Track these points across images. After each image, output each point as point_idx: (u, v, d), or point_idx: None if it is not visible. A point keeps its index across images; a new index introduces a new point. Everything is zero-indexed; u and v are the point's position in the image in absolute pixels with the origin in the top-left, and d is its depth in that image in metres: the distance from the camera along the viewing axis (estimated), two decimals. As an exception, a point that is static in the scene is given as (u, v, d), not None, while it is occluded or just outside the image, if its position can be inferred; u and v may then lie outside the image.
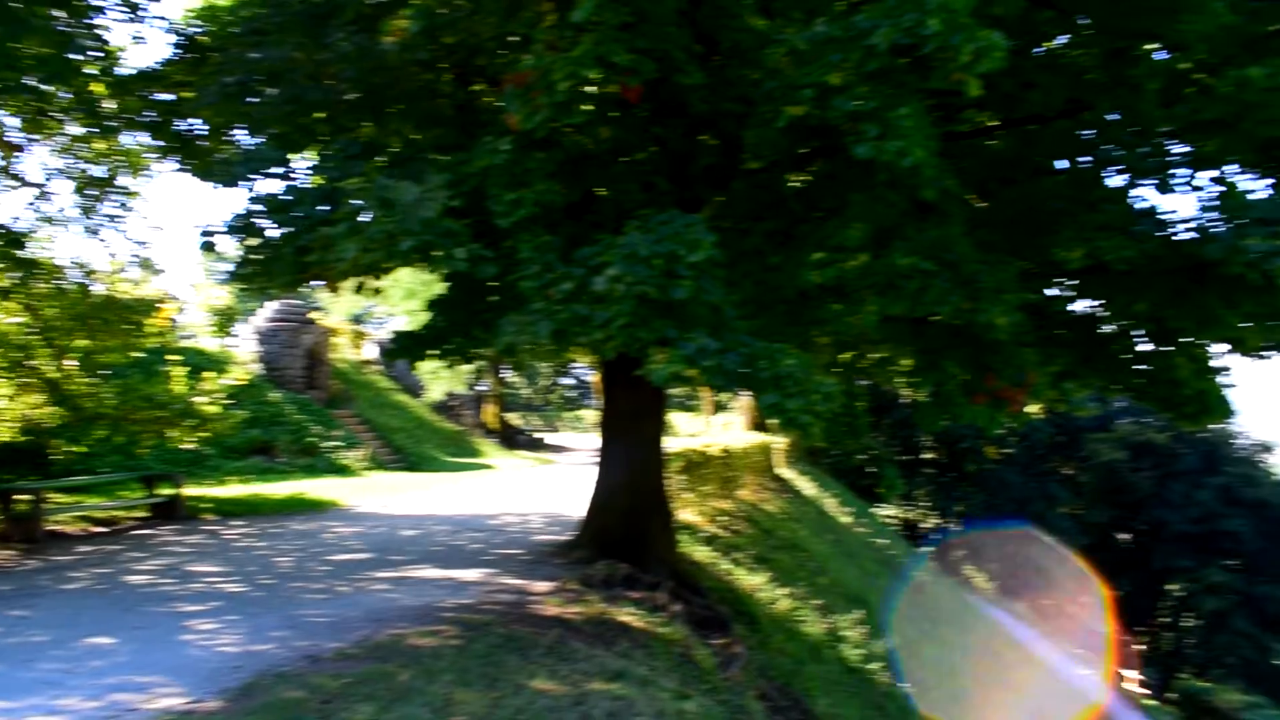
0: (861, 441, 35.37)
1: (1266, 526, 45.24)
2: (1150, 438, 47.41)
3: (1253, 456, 49.00)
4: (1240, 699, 35.90)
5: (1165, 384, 10.43)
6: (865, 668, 15.50)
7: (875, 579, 23.85)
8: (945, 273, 7.91)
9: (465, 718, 6.20)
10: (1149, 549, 47.72)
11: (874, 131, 7.11)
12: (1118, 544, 49.90)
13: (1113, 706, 31.27)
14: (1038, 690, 26.51)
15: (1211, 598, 44.93)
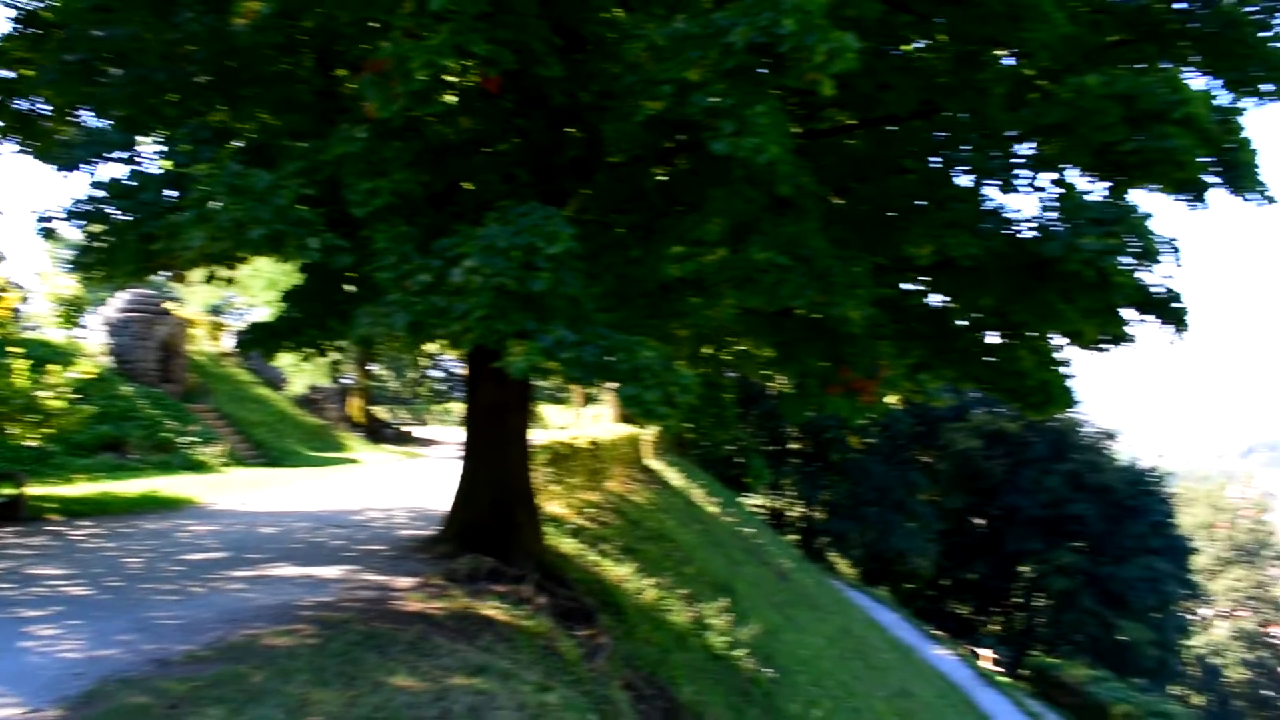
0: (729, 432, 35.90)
1: (1110, 510, 47.44)
2: (1003, 427, 49.25)
3: (1097, 444, 51.28)
4: (1086, 673, 37.52)
5: (1011, 375, 10.84)
6: (730, 654, 15.73)
7: (741, 567, 24.23)
8: (800, 267, 8.07)
9: (321, 718, 6.10)
10: (1002, 533, 49.59)
11: (731, 128, 7.21)
12: (973, 528, 51.73)
13: (969, 684, 32.38)
14: (899, 670, 27.31)
15: (1060, 578, 46.96)
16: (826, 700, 18.44)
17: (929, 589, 51.62)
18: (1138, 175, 9.16)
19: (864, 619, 32.64)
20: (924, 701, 25.55)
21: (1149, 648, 45.81)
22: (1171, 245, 9.19)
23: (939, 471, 50.85)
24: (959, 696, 30.00)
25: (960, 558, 51.14)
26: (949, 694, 29.45)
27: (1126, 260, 8.59)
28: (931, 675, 30.83)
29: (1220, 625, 61.57)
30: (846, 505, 46.93)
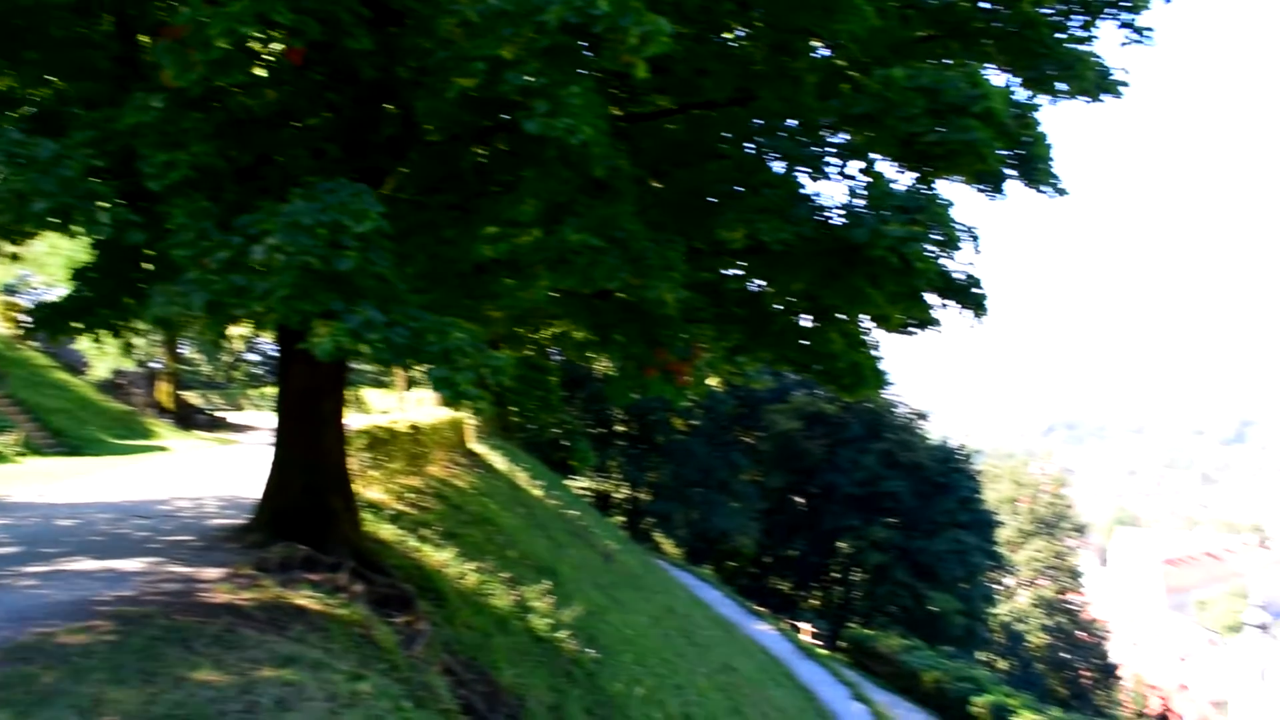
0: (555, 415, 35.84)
1: (921, 487, 49.50)
2: (821, 408, 50.75)
3: (910, 424, 53.37)
4: (900, 643, 39.04)
5: (823, 357, 11.15)
6: (553, 636, 15.73)
7: (566, 549, 24.25)
8: (615, 249, 8.09)
9: (117, 717, 5.81)
10: (821, 511, 51.17)
11: (544, 108, 7.15)
12: (794, 507, 53.21)
13: (789, 657, 33.27)
14: (722, 647, 27.84)
15: (875, 553, 48.76)
16: (650, 678, 18.64)
17: (751, 566, 52.91)
18: (941, 166, 9.51)
19: (688, 598, 33.15)
20: (746, 676, 26.12)
21: (957, 617, 48.00)
22: (971, 233, 9.61)
23: (761, 452, 52.08)
24: (780, 669, 30.81)
25: (781, 535, 52.57)
26: (770, 667, 30.21)
27: (929, 247, 8.93)
28: (753, 650, 31.56)
29: (1022, 594, 64.92)
30: (671, 486, 47.60)
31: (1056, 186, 10.49)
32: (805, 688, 30.14)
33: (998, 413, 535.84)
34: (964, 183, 10.19)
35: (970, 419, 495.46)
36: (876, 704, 30.26)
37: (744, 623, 35.87)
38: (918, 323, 10.85)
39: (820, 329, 11.11)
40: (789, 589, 54.53)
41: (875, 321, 10.83)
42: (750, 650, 31.12)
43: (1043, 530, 66.13)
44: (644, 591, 27.31)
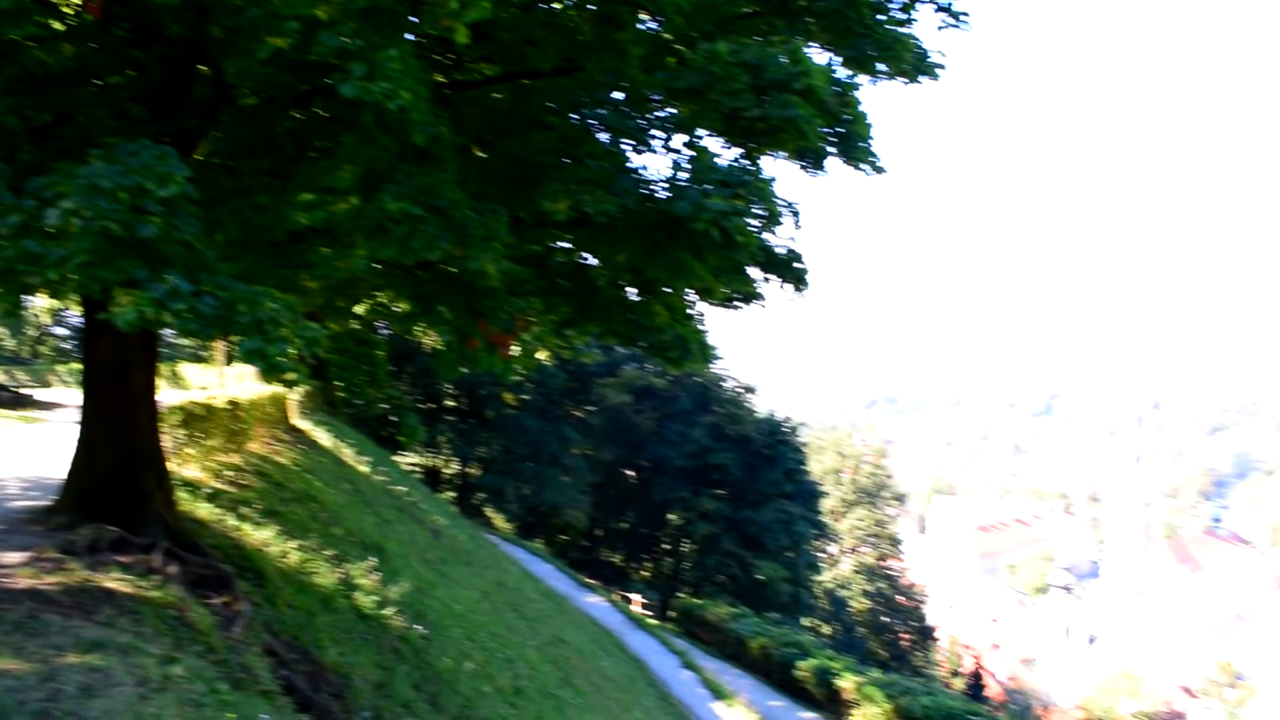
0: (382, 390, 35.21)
1: (748, 459, 50.58)
2: (651, 382, 51.29)
3: (738, 398, 54.40)
4: (728, 611, 39.83)
5: (649, 330, 11.23)
6: (380, 614, 15.49)
7: (393, 526, 23.88)
8: (435, 219, 7.95)
9: (-98, 712, 5.47)
10: (651, 483, 51.77)
11: (361, 71, 6.97)
12: (624, 480, 53.67)
13: (619, 628, 33.63)
14: (552, 620, 27.93)
15: (704, 524, 49.65)
16: (479, 653, 18.57)
17: (583, 540, 53.21)
18: (764, 141, 9.67)
19: (519, 572, 33.12)
20: (577, 647, 26.29)
21: (783, 585, 49.34)
22: (793, 209, 9.82)
23: (591, 426, 52.30)
24: (611, 640, 31.11)
25: (612, 509, 53.03)
26: (601, 639, 30.47)
27: (751, 221, 9.08)
28: (584, 622, 31.77)
29: (845, 561, 67.13)
30: (502, 461, 47.42)
31: (875, 164, 10.79)
32: (636, 657, 30.53)
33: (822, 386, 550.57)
34: (786, 159, 10.39)
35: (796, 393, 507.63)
36: (705, 671, 30.88)
37: (575, 595, 36.07)
38: (742, 296, 11.04)
39: (645, 302, 11.19)
40: (620, 561, 55.09)
41: (699, 295, 10.96)
42: (581, 622, 31.33)
43: (864, 500, 68.47)
44: (474, 567, 27.15)
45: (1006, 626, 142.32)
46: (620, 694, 25.37)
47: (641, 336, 11.45)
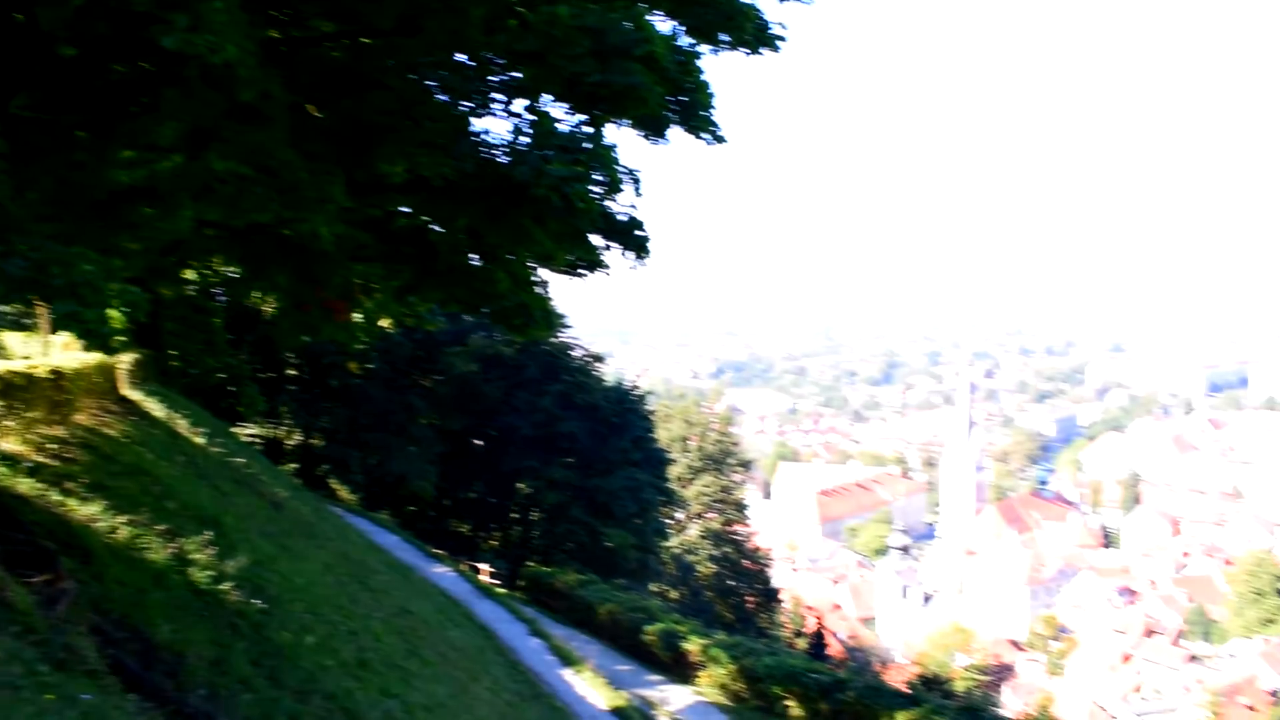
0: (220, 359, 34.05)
1: (597, 427, 50.73)
2: (499, 350, 50.88)
3: (586, 366, 54.43)
4: (576, 578, 40.00)
5: (492, 297, 11.11)
6: (217, 589, 15.02)
7: (231, 499, 23.17)
8: (265, 179, 7.68)
9: None
10: (500, 452, 51.49)
11: (183, 22, 6.66)
12: (473, 449, 53.25)
13: (468, 598, 33.44)
14: (398, 591, 27.60)
15: (552, 492, 49.68)
16: (322, 626, 18.20)
17: (431, 510, 52.59)
18: (606, 108, 9.63)
19: (364, 543, 32.60)
20: (423, 618, 26.04)
21: (631, 551, 49.78)
22: (634, 176, 9.81)
23: (439, 395, 51.66)
24: (459, 610, 30.92)
25: (460, 478, 52.56)
26: (449, 609, 30.26)
27: (593, 188, 9.05)
28: (432, 592, 31.49)
29: (692, 527, 68.10)
30: (346, 431, 46.48)
31: (716, 134, 10.84)
32: (485, 626, 30.43)
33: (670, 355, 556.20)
34: (629, 127, 10.36)
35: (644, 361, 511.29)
36: (554, 638, 30.97)
37: (422, 566, 35.71)
38: (585, 264, 10.99)
39: (488, 269, 11.05)
40: (468, 531, 54.72)
41: (541, 262, 10.89)
42: (429, 593, 31.05)
43: (711, 466, 69.50)
44: (317, 539, 26.57)
45: (847, 587, 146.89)
46: (468, 663, 25.27)
47: (484, 304, 11.33)
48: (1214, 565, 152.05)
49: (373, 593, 24.97)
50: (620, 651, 33.16)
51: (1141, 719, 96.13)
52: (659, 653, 31.75)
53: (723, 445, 72.16)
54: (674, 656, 31.09)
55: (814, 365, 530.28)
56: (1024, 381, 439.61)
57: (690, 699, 28.38)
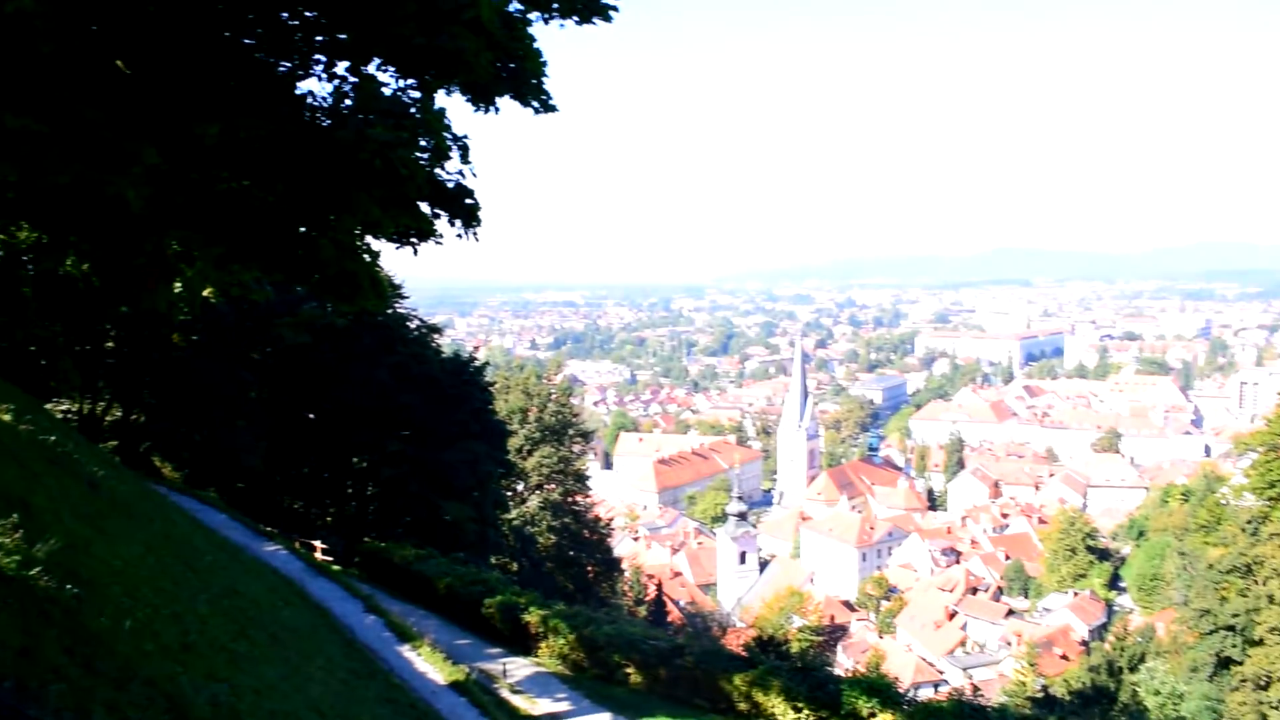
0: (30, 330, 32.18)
1: (434, 400, 50.04)
2: (333, 321, 49.52)
3: (424, 337, 53.57)
4: (414, 553, 39.47)
5: (316, 266, 10.71)
6: (26, 575, 14.20)
7: (42, 479, 21.95)
8: (65, 138, 7.17)
9: None
10: (334, 427, 50.28)
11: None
12: (306, 424, 51.86)
13: (300, 575, 32.59)
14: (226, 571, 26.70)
15: (389, 467, 48.84)
16: (142, 610, 17.37)
17: (262, 487, 51.01)
18: (433, 73, 9.35)
19: (189, 523, 31.37)
20: (252, 598, 25.24)
21: (470, 524, 49.40)
22: (462, 143, 9.54)
23: (270, 368, 50.04)
24: (291, 589, 30.10)
25: (293, 453, 51.17)
26: (281, 588, 29.43)
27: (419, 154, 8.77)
28: (263, 572, 30.57)
29: (532, 498, 68.00)
30: (170, 406, 44.65)
31: (546, 103, 10.65)
32: (319, 605, 29.72)
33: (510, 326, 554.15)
34: (459, 93, 10.08)
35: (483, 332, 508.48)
36: (391, 614, 30.48)
37: (253, 545, 34.63)
38: (415, 232, 10.67)
39: (311, 236, 10.62)
40: (302, 507, 53.36)
41: (368, 229, 10.53)
42: (259, 572, 30.12)
43: (550, 438, 69.45)
44: (137, 519, 25.41)
45: (686, 554, 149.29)
46: (301, 643, 24.62)
47: (309, 272, 10.91)
48: (1030, 524, 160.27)
49: (198, 574, 24.07)
50: (460, 626, 32.91)
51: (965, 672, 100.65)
52: (499, 625, 31.64)
53: (562, 416, 72.17)
54: (514, 628, 31.03)
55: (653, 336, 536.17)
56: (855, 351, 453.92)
57: (531, 670, 28.37)
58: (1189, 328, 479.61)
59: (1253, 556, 54.24)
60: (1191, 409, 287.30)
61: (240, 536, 34.81)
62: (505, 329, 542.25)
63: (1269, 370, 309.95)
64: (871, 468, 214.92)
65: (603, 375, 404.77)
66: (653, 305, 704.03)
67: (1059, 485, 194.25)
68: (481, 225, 10.57)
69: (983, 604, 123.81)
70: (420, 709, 21.61)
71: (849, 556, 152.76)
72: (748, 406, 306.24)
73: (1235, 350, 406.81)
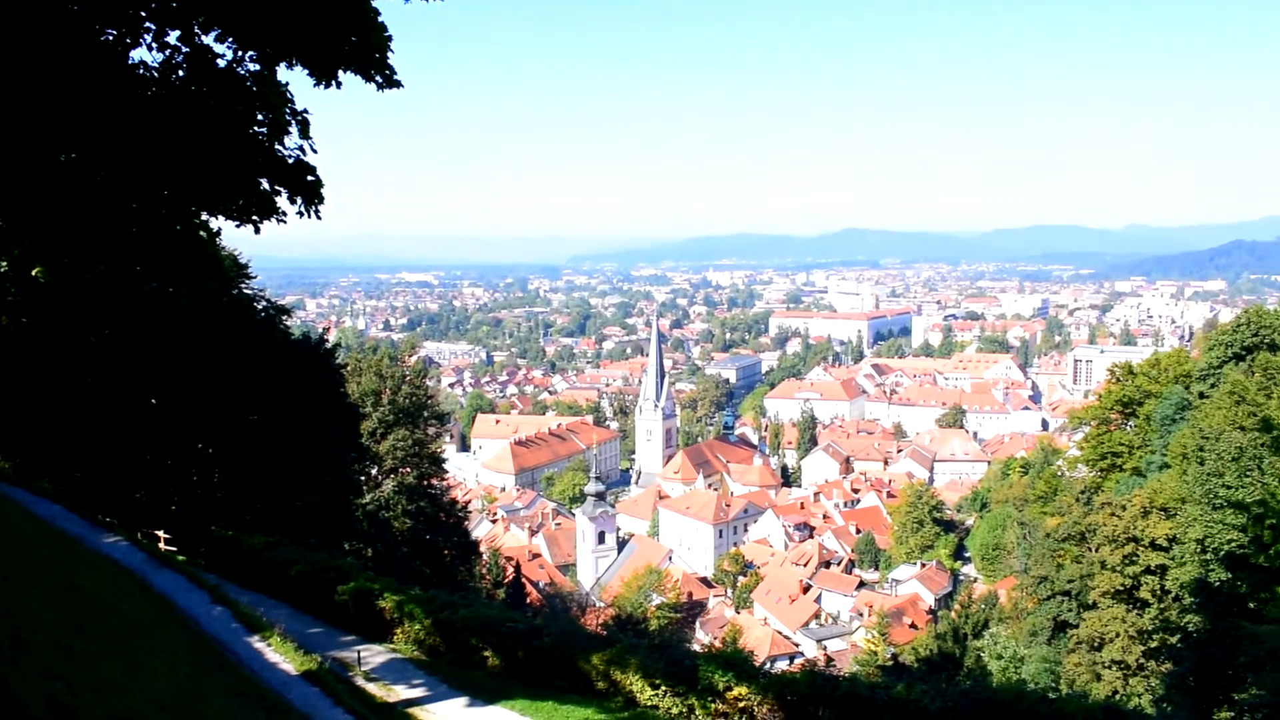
0: None
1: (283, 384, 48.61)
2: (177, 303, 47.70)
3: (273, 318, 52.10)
4: (264, 540, 38.44)
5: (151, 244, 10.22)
6: None
7: None
8: None
9: None
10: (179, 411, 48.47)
11: None
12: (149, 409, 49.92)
13: (141, 567, 31.44)
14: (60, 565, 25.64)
15: (237, 452, 47.35)
16: (-33, 610, 16.60)
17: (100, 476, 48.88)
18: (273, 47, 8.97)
19: (20, 514, 30.06)
20: (90, 592, 24.32)
21: (324, 510, 48.35)
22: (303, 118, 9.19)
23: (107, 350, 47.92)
24: (133, 581, 29.02)
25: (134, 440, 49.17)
26: (121, 580, 28.36)
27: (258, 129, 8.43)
28: (102, 564, 29.42)
29: (387, 483, 66.87)
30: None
31: (391, 78, 10.31)
32: (163, 596, 28.68)
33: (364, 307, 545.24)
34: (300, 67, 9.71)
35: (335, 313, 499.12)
36: (239, 604, 29.63)
37: (90, 537, 33.21)
38: (256, 210, 10.25)
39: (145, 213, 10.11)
40: (144, 496, 51.34)
41: (204, 206, 10.07)
42: (98, 565, 28.97)
43: (405, 420, 68.34)
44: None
45: (545, 535, 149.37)
46: (143, 637, 23.78)
47: (143, 251, 10.41)
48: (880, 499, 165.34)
49: (30, 568, 23.04)
50: (312, 614, 32.21)
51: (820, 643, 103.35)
52: (353, 612, 31.07)
53: (417, 398, 71.07)
54: (369, 615, 30.51)
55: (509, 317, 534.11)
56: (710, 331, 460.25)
57: (386, 656, 27.94)
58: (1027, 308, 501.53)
59: (1086, 525, 56.89)
60: (1030, 385, 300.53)
61: (77, 528, 33.36)
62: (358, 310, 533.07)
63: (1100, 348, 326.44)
64: (727, 446, 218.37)
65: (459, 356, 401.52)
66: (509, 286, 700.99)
67: (907, 460, 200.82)
68: (324, 203, 10.21)
69: (835, 577, 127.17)
70: (271, 701, 21.08)
71: (706, 534, 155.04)
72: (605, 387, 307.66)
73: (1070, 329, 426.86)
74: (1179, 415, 68.53)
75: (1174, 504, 50.36)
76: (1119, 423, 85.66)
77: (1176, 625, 47.71)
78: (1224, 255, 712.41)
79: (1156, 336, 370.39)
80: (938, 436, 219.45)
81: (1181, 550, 47.26)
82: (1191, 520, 45.89)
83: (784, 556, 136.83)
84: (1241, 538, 40.85)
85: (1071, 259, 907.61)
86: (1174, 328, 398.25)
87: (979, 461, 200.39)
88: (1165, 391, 75.58)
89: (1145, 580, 49.54)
